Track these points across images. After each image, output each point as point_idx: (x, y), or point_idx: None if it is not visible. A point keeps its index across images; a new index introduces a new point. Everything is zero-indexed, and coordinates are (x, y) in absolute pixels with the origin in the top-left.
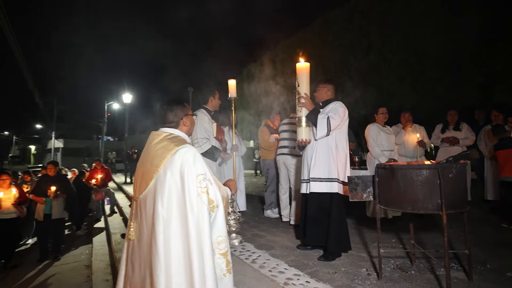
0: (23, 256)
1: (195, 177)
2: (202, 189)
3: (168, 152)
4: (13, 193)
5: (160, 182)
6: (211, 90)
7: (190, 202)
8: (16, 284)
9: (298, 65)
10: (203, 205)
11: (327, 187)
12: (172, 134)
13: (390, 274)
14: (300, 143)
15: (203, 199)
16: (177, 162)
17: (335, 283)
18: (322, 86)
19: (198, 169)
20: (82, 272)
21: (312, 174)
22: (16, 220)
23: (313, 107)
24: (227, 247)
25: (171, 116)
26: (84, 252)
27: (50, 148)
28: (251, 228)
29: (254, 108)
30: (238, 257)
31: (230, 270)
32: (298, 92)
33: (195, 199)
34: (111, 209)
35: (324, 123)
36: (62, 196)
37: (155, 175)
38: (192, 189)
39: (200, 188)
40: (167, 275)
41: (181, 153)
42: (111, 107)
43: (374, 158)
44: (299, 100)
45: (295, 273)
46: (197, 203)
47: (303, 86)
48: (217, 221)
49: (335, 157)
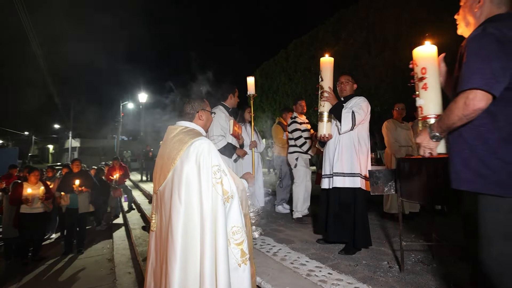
0: (48, 250)
1: (209, 168)
2: (217, 180)
3: (183, 145)
4: (41, 188)
5: (177, 174)
6: (231, 88)
7: (205, 192)
8: (45, 276)
9: (322, 60)
10: (217, 195)
11: (349, 182)
12: (187, 127)
13: (412, 267)
14: (322, 139)
15: (217, 190)
16: (192, 154)
17: (357, 275)
18: (348, 79)
19: (213, 161)
20: (105, 265)
21: (335, 169)
22: (43, 214)
23: (336, 101)
24: (243, 237)
25: (188, 108)
26: (105, 247)
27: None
28: (270, 223)
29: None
30: (259, 250)
31: (246, 261)
32: (321, 87)
33: (210, 190)
34: (129, 205)
35: (349, 117)
36: (87, 190)
37: (172, 167)
38: (206, 180)
39: (215, 179)
40: (181, 265)
41: (196, 145)
42: (126, 106)
43: (391, 155)
44: (322, 94)
45: (317, 265)
46: (211, 193)
47: (327, 80)
48: (232, 212)
49: (358, 152)
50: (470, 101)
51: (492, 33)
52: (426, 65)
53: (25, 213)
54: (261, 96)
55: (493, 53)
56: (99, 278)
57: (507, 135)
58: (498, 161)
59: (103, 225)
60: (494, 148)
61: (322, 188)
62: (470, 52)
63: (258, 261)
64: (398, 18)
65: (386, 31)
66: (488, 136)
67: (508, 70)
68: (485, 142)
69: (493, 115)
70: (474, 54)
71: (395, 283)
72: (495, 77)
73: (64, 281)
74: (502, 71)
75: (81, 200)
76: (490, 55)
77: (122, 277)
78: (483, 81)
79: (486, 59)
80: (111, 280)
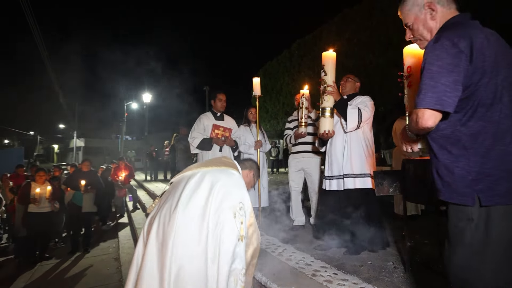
0: (54, 249)
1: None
2: (240, 216)
3: (223, 165)
4: (48, 188)
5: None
6: (212, 94)
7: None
8: (52, 274)
9: (325, 54)
10: (234, 227)
11: (360, 183)
12: (238, 174)
13: (417, 268)
14: (324, 135)
15: (236, 223)
16: (225, 178)
17: (363, 275)
18: (352, 78)
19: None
20: (111, 264)
21: (345, 170)
22: (50, 214)
23: (340, 97)
24: None
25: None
26: (111, 246)
27: (72, 147)
28: (273, 224)
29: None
30: (265, 250)
31: None
32: (324, 81)
33: (228, 217)
34: (134, 205)
35: (355, 114)
36: (92, 191)
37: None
38: (227, 209)
39: (239, 213)
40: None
41: (232, 172)
42: (130, 106)
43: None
44: (325, 88)
45: (322, 266)
46: (229, 220)
47: (330, 75)
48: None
49: (366, 151)
50: (419, 119)
51: (443, 44)
52: (411, 64)
53: (32, 212)
54: (265, 96)
55: (444, 67)
56: (106, 277)
57: (467, 143)
58: (458, 169)
59: (108, 225)
60: (456, 157)
61: (328, 189)
62: (424, 65)
63: (264, 260)
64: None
65: (390, 30)
66: (450, 144)
67: (460, 82)
68: (449, 151)
69: (454, 124)
70: (427, 69)
71: (400, 283)
72: (445, 94)
73: (72, 280)
74: (454, 85)
75: (85, 199)
76: (441, 71)
77: None
78: (433, 100)
79: (437, 75)
80: (118, 279)
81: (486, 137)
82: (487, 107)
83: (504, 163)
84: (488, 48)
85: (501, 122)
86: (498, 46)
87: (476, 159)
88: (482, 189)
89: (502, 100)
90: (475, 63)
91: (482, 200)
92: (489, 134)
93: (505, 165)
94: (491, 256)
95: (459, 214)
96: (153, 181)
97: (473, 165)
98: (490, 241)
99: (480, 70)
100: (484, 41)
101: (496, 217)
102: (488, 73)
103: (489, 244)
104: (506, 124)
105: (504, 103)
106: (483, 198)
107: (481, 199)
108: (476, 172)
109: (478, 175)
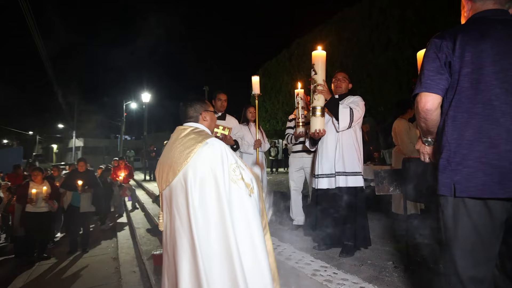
0: (53, 249)
1: (228, 167)
2: (237, 177)
3: (197, 144)
4: (45, 188)
5: (191, 173)
6: (214, 95)
7: (226, 191)
8: (51, 274)
9: (315, 53)
10: (240, 190)
11: (352, 181)
12: (197, 128)
13: (417, 267)
14: (315, 135)
15: (240, 186)
16: (208, 154)
17: (363, 275)
18: (345, 77)
19: (229, 159)
20: (110, 264)
21: (337, 168)
22: (48, 214)
23: (330, 96)
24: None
25: (191, 111)
26: (110, 246)
27: (71, 147)
28: (273, 223)
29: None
30: None
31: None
32: (314, 80)
33: (232, 187)
34: (133, 205)
35: (347, 113)
36: (89, 190)
37: (185, 166)
38: (227, 179)
39: (235, 176)
40: (190, 265)
41: (210, 145)
42: (129, 106)
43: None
44: (315, 87)
45: (322, 265)
46: (235, 191)
47: (320, 73)
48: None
49: (357, 150)
50: (418, 103)
51: (432, 40)
52: None
53: (29, 212)
54: (264, 96)
55: (430, 58)
56: (105, 277)
57: (449, 134)
58: (442, 160)
59: (107, 225)
60: (442, 147)
61: (318, 188)
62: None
63: None
64: (402, 17)
65: (390, 30)
66: (440, 136)
67: (442, 68)
68: (439, 142)
69: (443, 115)
70: (423, 61)
71: (400, 283)
72: (430, 78)
73: (70, 279)
74: (438, 71)
75: (83, 199)
76: (428, 60)
77: (127, 276)
78: (423, 84)
79: (425, 64)
80: (116, 279)
81: (468, 128)
82: (470, 98)
83: (485, 156)
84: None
85: (485, 114)
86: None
87: (457, 150)
88: (459, 180)
89: (488, 93)
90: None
91: (456, 191)
92: (472, 126)
93: (486, 158)
94: (458, 248)
95: (441, 204)
96: (152, 180)
97: (453, 156)
98: (457, 234)
99: (460, 61)
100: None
101: (463, 210)
102: (469, 64)
103: (456, 236)
104: (491, 116)
105: (490, 96)
106: (458, 188)
107: (456, 190)
108: (456, 163)
109: (458, 165)
